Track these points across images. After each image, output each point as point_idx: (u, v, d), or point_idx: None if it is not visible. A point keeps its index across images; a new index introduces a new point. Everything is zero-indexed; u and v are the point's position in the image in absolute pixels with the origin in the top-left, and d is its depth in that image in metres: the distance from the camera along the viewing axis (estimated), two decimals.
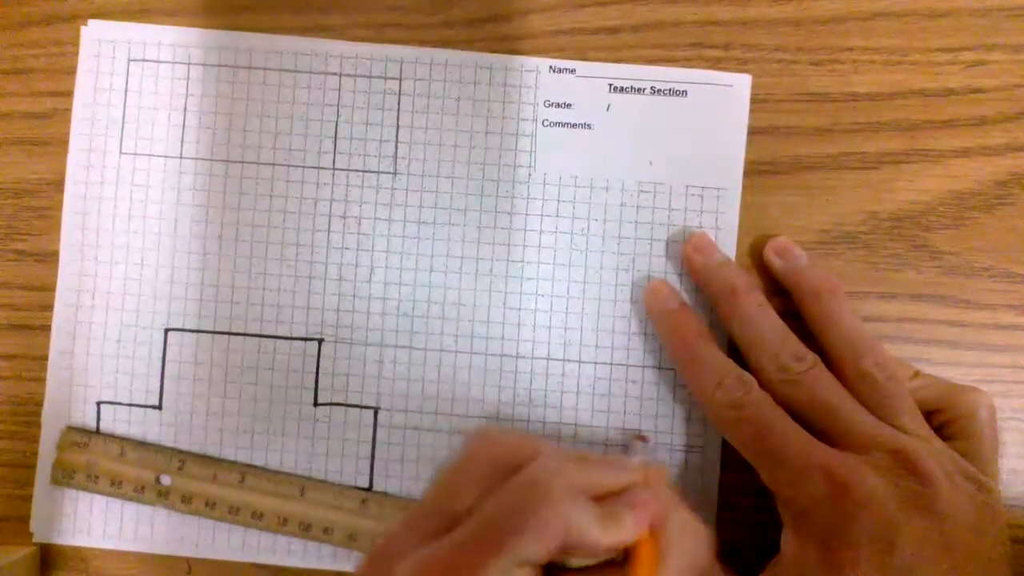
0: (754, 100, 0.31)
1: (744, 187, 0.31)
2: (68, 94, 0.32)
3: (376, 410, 0.31)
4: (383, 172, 0.32)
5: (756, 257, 0.31)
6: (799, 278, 0.30)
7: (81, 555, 0.31)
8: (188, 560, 0.31)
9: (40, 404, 0.32)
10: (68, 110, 0.32)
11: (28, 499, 0.31)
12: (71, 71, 0.32)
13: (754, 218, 0.31)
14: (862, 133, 0.31)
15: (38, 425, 0.31)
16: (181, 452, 0.31)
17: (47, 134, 0.32)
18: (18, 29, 0.32)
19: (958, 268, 0.31)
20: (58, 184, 0.32)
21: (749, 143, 0.31)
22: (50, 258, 0.32)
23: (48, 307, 0.32)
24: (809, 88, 0.31)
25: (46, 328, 0.32)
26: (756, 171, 0.31)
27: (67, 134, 0.32)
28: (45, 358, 0.32)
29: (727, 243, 0.31)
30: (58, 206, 0.32)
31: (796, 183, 0.31)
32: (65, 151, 0.32)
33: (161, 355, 0.31)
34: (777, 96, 0.31)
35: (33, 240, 0.32)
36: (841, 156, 0.31)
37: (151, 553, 0.31)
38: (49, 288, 0.32)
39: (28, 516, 0.31)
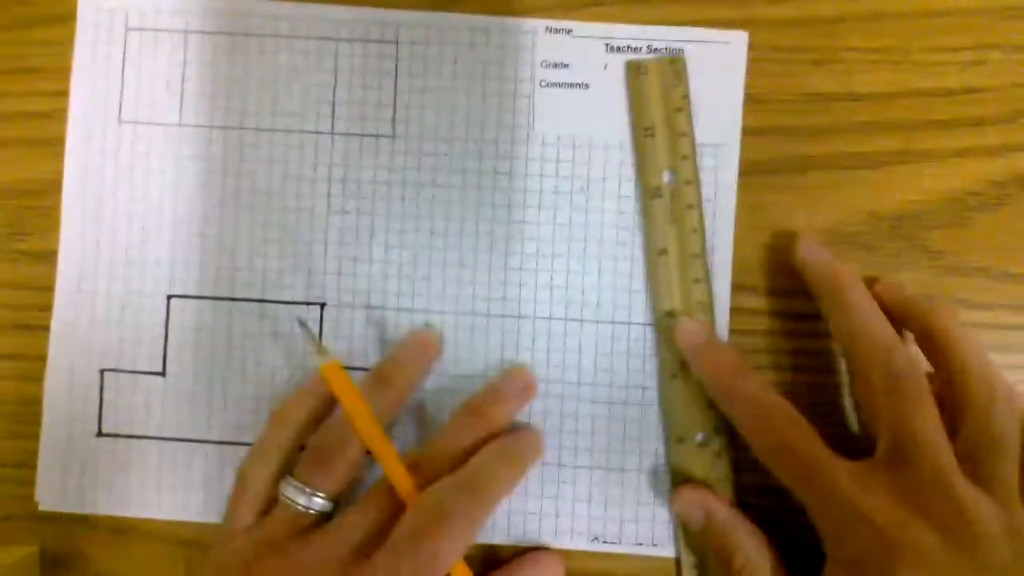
0: (754, 100, 0.31)
1: (744, 187, 0.31)
2: (69, 93, 0.32)
3: None
4: (382, 136, 0.32)
5: (756, 257, 0.31)
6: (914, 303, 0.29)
7: (83, 555, 0.31)
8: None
9: (40, 403, 0.31)
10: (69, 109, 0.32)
11: (29, 499, 0.31)
12: (72, 71, 0.32)
13: (754, 218, 0.31)
14: (862, 133, 0.31)
15: (38, 425, 0.31)
16: None
17: (48, 134, 0.32)
18: (19, 29, 0.32)
19: (957, 268, 0.31)
20: (59, 184, 0.32)
21: (749, 143, 0.31)
22: (51, 258, 0.32)
23: (48, 308, 0.32)
24: (809, 88, 0.31)
25: (46, 328, 0.32)
26: (756, 171, 0.31)
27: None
28: (45, 358, 0.32)
29: (726, 200, 0.31)
30: (59, 206, 0.32)
31: (796, 183, 0.31)
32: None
33: (164, 322, 0.31)
34: (777, 96, 0.31)
35: (34, 240, 0.32)
36: (841, 156, 0.31)
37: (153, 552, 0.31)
38: (50, 289, 0.32)
39: (28, 516, 0.31)
